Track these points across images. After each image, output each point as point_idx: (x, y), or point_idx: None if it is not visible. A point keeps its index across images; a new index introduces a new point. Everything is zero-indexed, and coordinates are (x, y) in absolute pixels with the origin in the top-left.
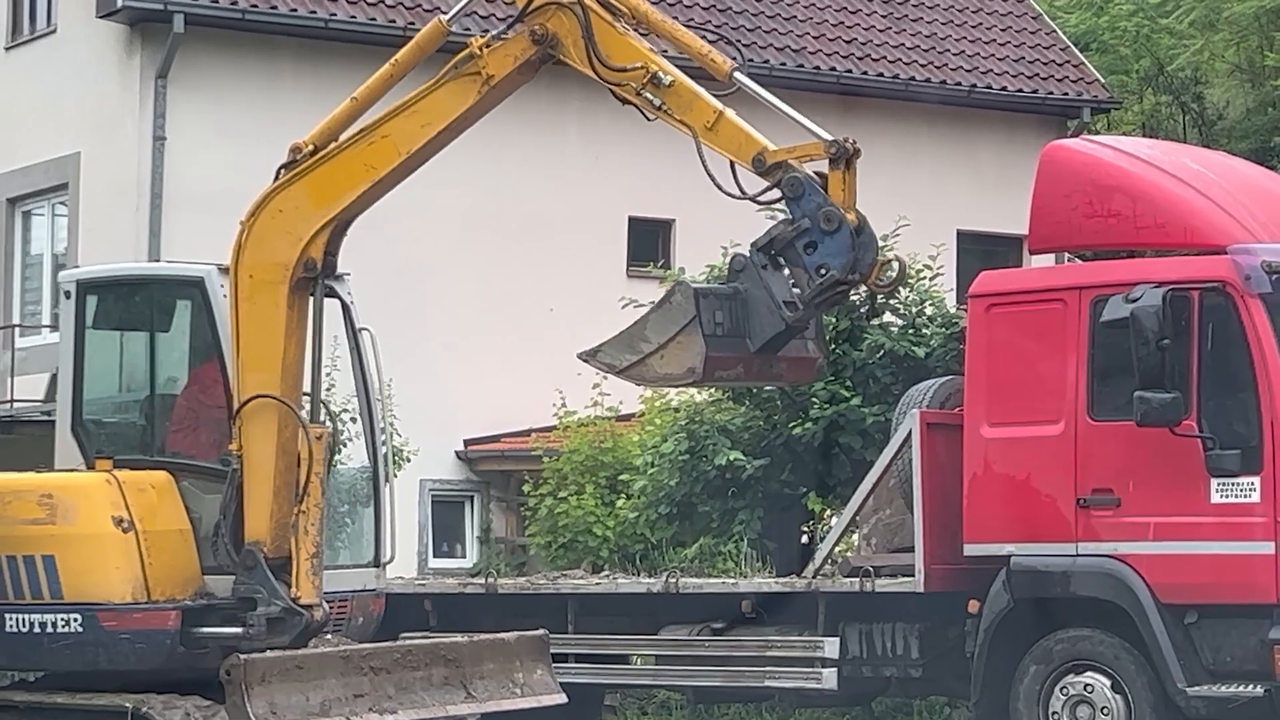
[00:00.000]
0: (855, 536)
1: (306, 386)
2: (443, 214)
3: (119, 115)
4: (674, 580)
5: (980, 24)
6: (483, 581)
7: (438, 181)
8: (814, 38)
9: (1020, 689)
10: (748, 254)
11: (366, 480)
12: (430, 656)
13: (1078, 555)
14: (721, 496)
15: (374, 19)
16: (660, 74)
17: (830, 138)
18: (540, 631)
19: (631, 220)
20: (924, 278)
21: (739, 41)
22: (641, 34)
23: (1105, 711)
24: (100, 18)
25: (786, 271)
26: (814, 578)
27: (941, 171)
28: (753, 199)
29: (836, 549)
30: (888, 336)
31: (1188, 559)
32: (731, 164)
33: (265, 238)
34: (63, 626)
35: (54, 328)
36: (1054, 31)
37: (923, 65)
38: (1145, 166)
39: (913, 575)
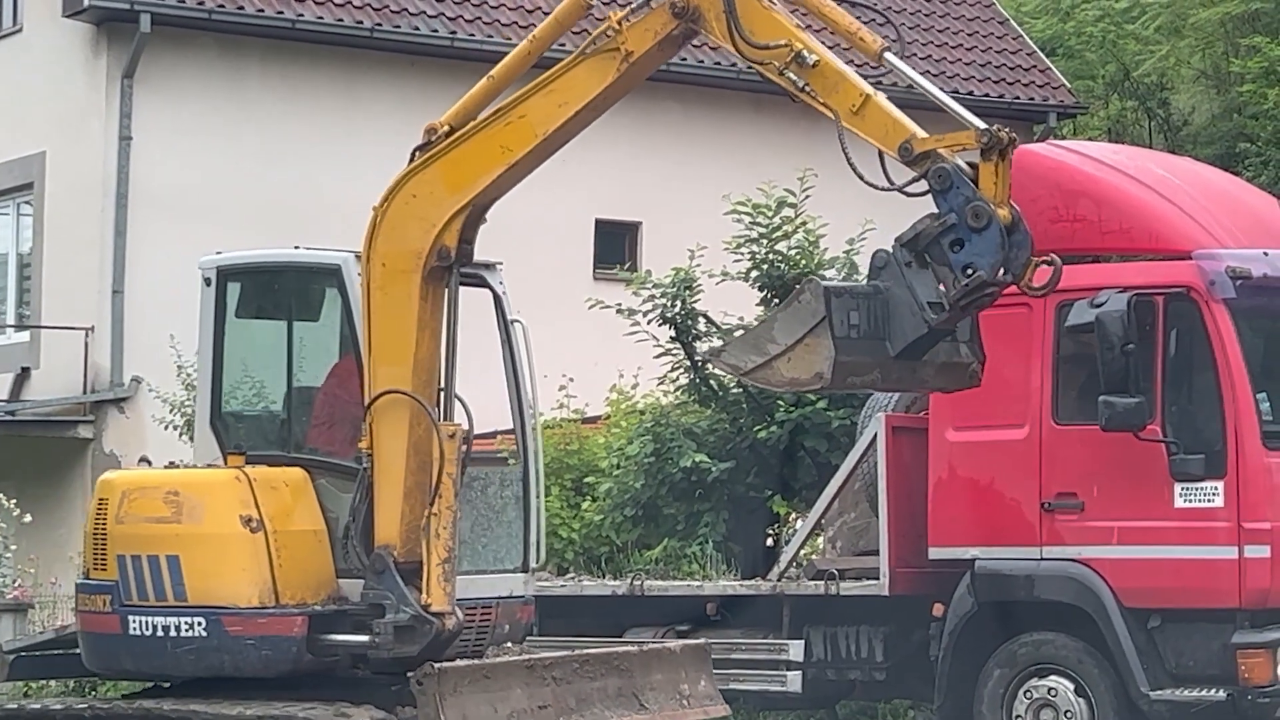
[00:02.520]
0: (820, 540)
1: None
2: None
3: (85, 115)
4: (639, 583)
5: (947, 29)
6: None
7: None
8: None
9: (984, 692)
10: (890, 250)
11: (516, 480)
12: (605, 667)
13: (1042, 559)
14: (687, 499)
15: (341, 20)
16: (805, 52)
17: (983, 126)
18: (702, 640)
19: (598, 223)
20: None
21: (707, 44)
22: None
23: (1068, 715)
24: (66, 17)
25: (932, 271)
26: (779, 580)
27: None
28: (899, 189)
29: (801, 552)
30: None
31: (1151, 563)
32: (880, 153)
33: (398, 224)
34: (186, 630)
35: (18, 327)
36: (1020, 37)
37: (888, 69)
38: (1111, 171)
39: (877, 578)
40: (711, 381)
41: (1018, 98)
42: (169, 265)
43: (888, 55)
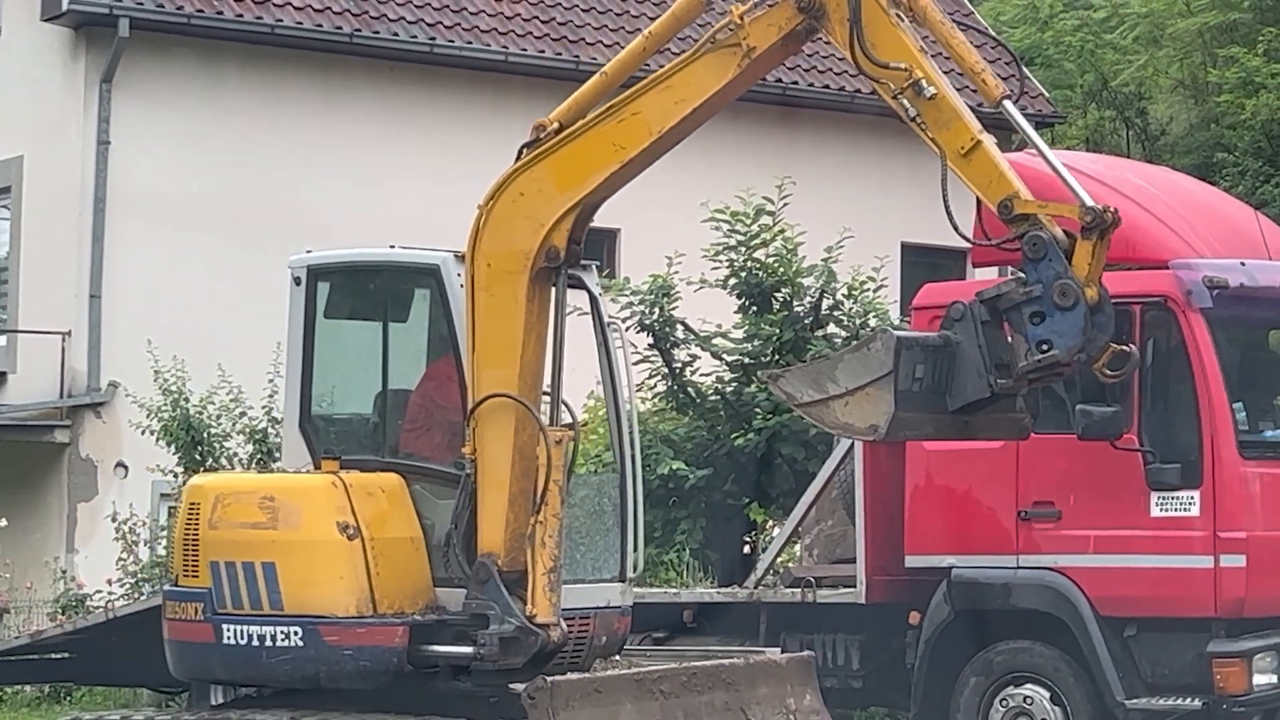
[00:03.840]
0: (797, 547)
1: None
2: (389, 223)
3: (63, 119)
4: None
5: (925, 36)
6: None
7: (384, 190)
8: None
9: (960, 700)
10: (968, 303)
11: (613, 488)
12: (713, 680)
13: (1018, 568)
14: (664, 506)
15: (319, 25)
16: (923, 83)
17: (1091, 202)
18: (808, 653)
19: None
20: (868, 290)
21: (685, 51)
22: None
23: None
24: (45, 21)
25: (1006, 334)
26: (756, 588)
27: (886, 183)
28: (992, 245)
29: (778, 559)
30: (832, 348)
31: (1127, 572)
32: (977, 202)
33: (504, 223)
34: (282, 640)
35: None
36: (999, 46)
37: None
38: (1088, 181)
39: (854, 586)
40: (689, 389)
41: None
42: (147, 270)
43: (1006, 103)
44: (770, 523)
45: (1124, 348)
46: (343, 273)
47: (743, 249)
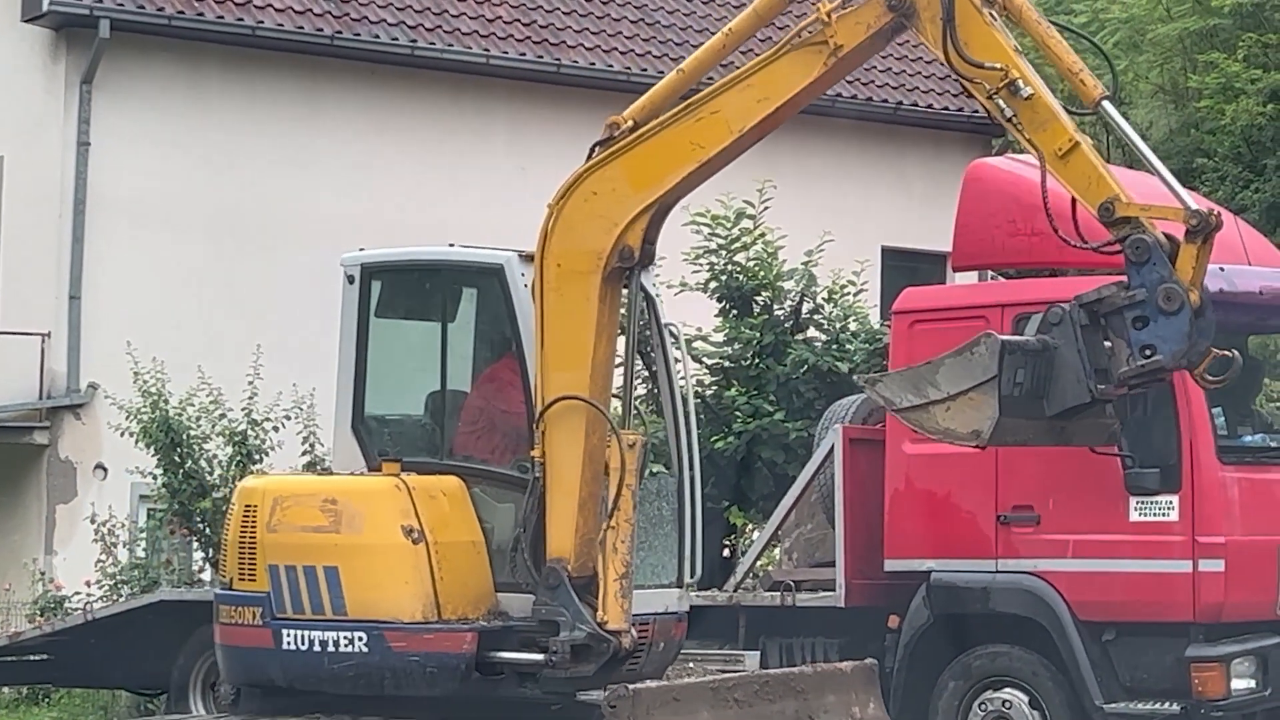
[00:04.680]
0: (777, 551)
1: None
2: (368, 224)
3: (43, 120)
4: None
5: (907, 41)
6: None
7: (365, 192)
8: (740, 52)
9: (939, 705)
10: (1067, 307)
11: (672, 492)
12: (783, 688)
13: (997, 572)
14: None
15: (301, 27)
16: (1020, 82)
17: (1194, 206)
18: (871, 661)
19: None
20: (848, 293)
21: (666, 55)
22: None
23: None
24: (25, 22)
25: (1107, 338)
26: (735, 591)
27: (867, 188)
28: (1091, 249)
29: (758, 563)
30: (811, 351)
31: (1106, 577)
32: (1073, 203)
33: (576, 223)
34: (345, 645)
35: None
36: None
37: (849, 81)
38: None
39: (833, 590)
40: None
41: (977, 111)
42: (126, 272)
43: (1105, 104)
44: (750, 526)
45: (1226, 352)
46: (399, 271)
47: (723, 252)
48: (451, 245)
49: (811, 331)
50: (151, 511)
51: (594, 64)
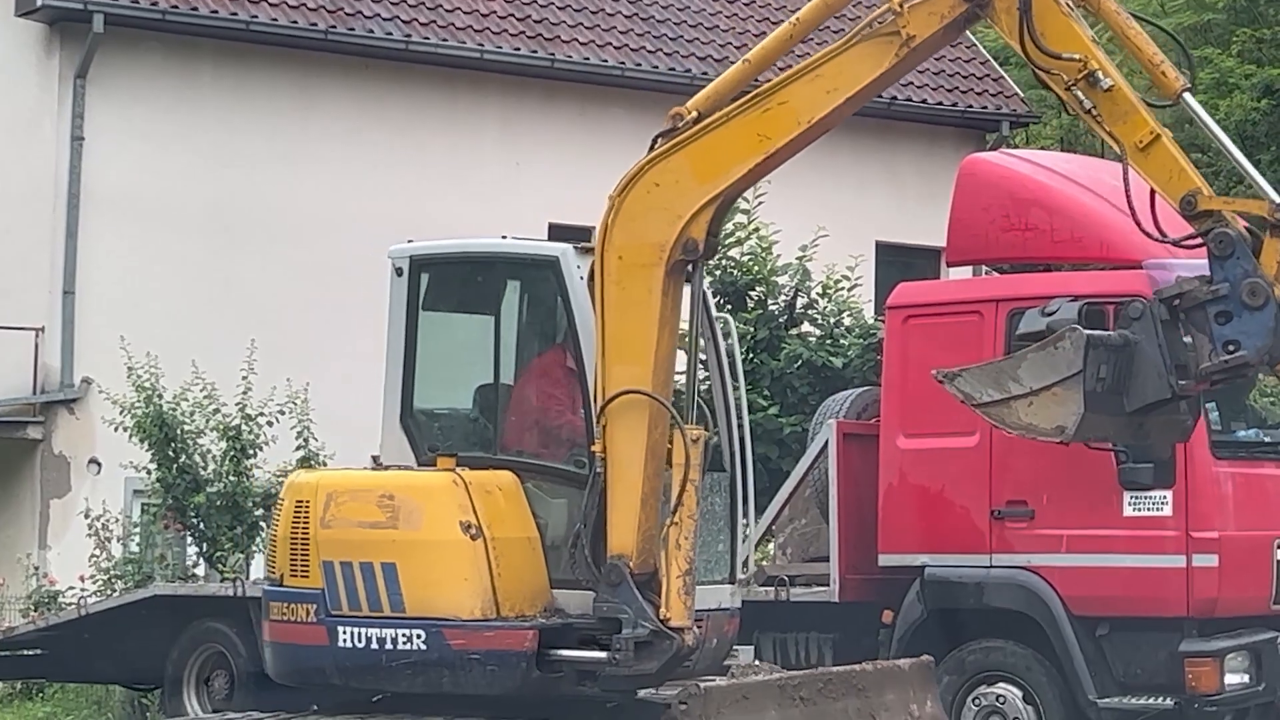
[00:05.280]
0: (771, 546)
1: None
2: (362, 221)
3: (37, 115)
4: None
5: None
6: None
7: (357, 189)
8: (735, 47)
9: None
10: (1146, 302)
11: (724, 488)
12: (845, 686)
13: (991, 567)
14: None
15: (295, 21)
16: (1099, 74)
17: (1279, 199)
18: (928, 658)
19: (552, 227)
20: (842, 289)
21: (660, 50)
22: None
23: None
24: (19, 16)
25: (1186, 334)
26: None
27: (861, 183)
28: (1172, 243)
29: (752, 558)
30: (806, 347)
31: (1100, 571)
32: (1151, 196)
33: (638, 215)
34: (403, 643)
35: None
36: (974, 45)
37: None
38: (1062, 181)
39: (827, 585)
40: None
41: (971, 106)
42: (120, 266)
43: (1186, 96)
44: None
45: None
46: (449, 264)
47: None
48: (504, 237)
49: (806, 326)
50: (145, 506)
51: (588, 59)
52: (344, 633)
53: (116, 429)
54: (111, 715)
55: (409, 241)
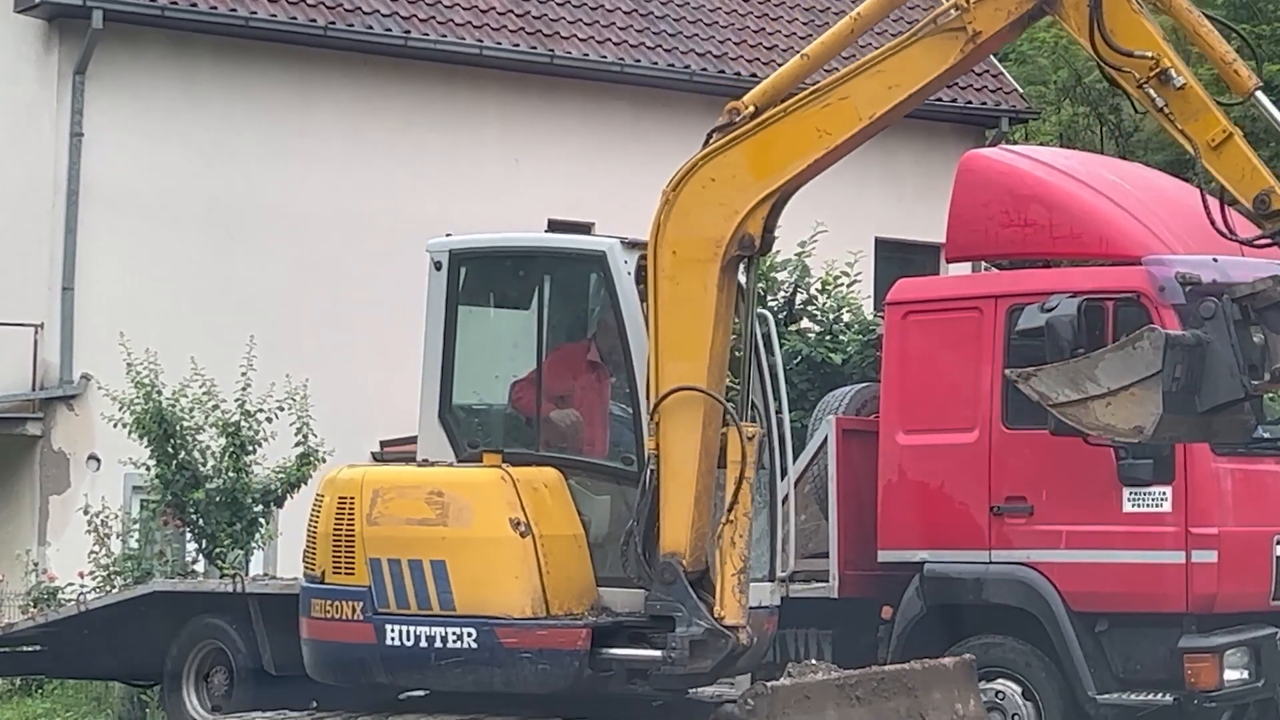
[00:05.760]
0: None
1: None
2: (361, 216)
3: (36, 111)
4: None
5: (899, 33)
6: None
7: (356, 184)
8: (734, 43)
9: None
10: (1219, 301)
11: (764, 485)
12: (897, 685)
13: (990, 563)
14: None
15: (294, 18)
16: (1172, 71)
17: None
18: (969, 657)
19: (551, 223)
20: (842, 285)
21: (660, 46)
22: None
23: (1016, 718)
24: (18, 12)
25: (1258, 334)
26: None
27: (860, 179)
28: (1244, 243)
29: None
30: (805, 343)
31: (1099, 567)
32: (1221, 195)
33: (693, 210)
34: (454, 641)
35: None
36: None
37: None
38: (1062, 177)
39: (827, 581)
40: None
41: (970, 102)
42: (119, 262)
43: (1259, 95)
44: None
45: None
46: (491, 258)
47: None
48: (547, 230)
49: (805, 323)
50: (145, 502)
51: (587, 55)
52: (392, 630)
53: (116, 425)
54: (111, 711)
55: (447, 235)
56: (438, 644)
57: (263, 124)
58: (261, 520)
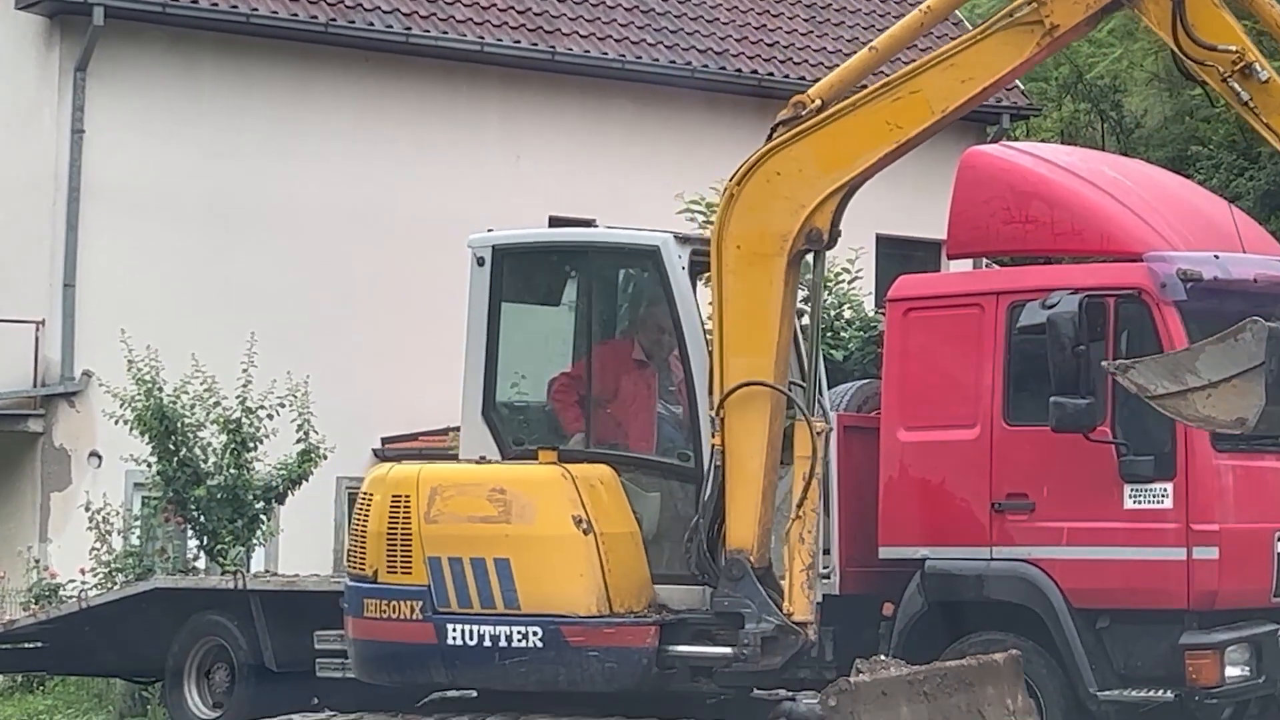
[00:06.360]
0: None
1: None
2: (362, 213)
3: (37, 107)
4: None
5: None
6: None
7: (357, 181)
8: (735, 40)
9: None
10: None
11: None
12: (958, 681)
13: (992, 559)
14: None
15: (295, 14)
16: (1257, 66)
17: None
18: (1016, 653)
19: (552, 220)
20: (843, 281)
21: (661, 43)
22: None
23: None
24: (19, 9)
25: None
26: None
27: None
28: None
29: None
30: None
31: (1100, 564)
32: None
33: (758, 204)
34: (519, 640)
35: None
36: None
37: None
38: (1063, 173)
39: (828, 577)
40: None
41: None
42: (120, 259)
43: None
44: None
45: None
46: (536, 253)
47: None
48: (594, 225)
49: (805, 320)
50: (146, 499)
51: (588, 51)
52: (453, 630)
53: (117, 422)
54: (112, 708)
55: (489, 231)
56: (501, 643)
57: (264, 121)
58: (263, 517)
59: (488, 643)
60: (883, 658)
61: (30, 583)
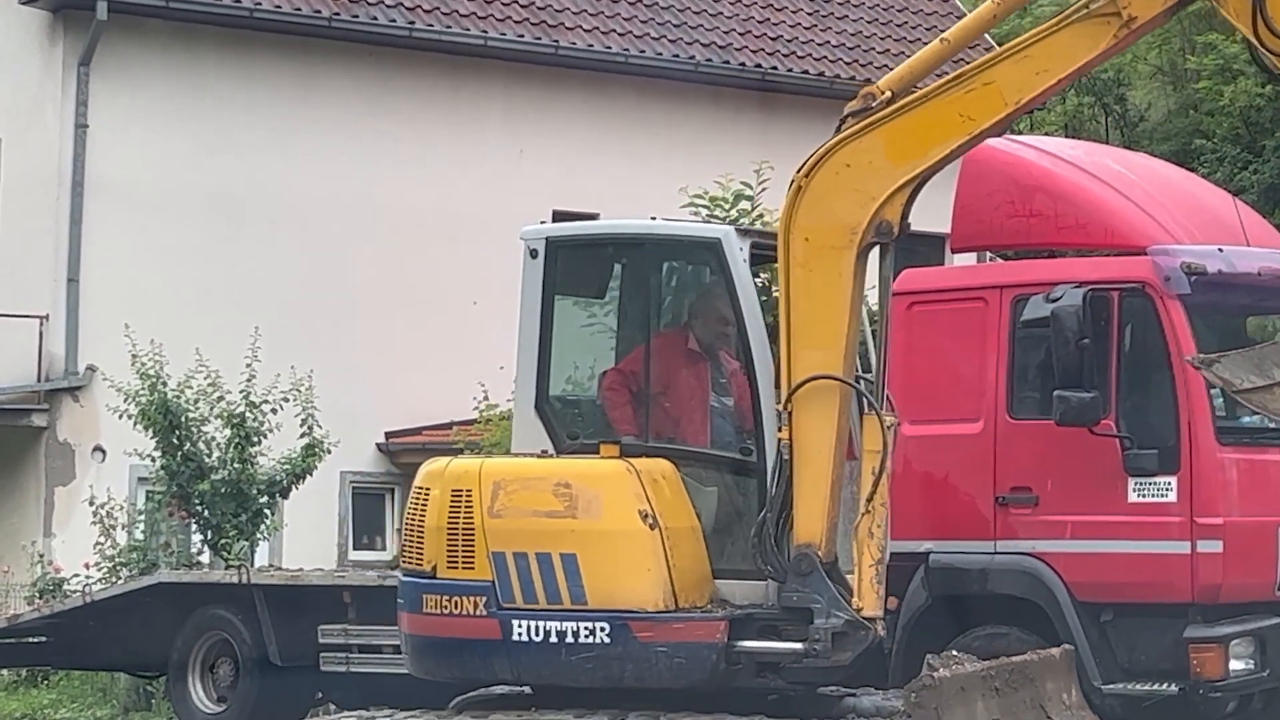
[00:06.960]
0: None
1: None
2: (366, 208)
3: (40, 102)
4: None
5: (905, 23)
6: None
7: (360, 175)
8: (739, 33)
9: None
10: None
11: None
12: (1022, 677)
13: (995, 553)
14: None
15: (299, 9)
16: None
17: None
18: (1069, 648)
19: (555, 214)
20: None
21: (664, 36)
22: None
23: None
24: (23, 4)
25: None
26: None
27: None
28: None
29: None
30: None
31: (1104, 558)
32: None
33: (826, 196)
34: (585, 636)
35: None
36: None
37: (846, 63)
38: (1067, 167)
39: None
40: None
41: None
42: (124, 254)
43: None
44: None
45: None
46: (592, 245)
47: None
48: (653, 219)
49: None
50: (150, 494)
51: (592, 46)
52: (519, 625)
53: (121, 417)
54: (116, 702)
55: (541, 223)
56: (568, 639)
57: (267, 115)
58: (267, 511)
59: (554, 638)
60: (955, 653)
61: (35, 577)
